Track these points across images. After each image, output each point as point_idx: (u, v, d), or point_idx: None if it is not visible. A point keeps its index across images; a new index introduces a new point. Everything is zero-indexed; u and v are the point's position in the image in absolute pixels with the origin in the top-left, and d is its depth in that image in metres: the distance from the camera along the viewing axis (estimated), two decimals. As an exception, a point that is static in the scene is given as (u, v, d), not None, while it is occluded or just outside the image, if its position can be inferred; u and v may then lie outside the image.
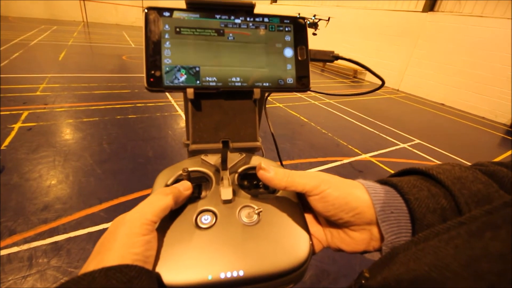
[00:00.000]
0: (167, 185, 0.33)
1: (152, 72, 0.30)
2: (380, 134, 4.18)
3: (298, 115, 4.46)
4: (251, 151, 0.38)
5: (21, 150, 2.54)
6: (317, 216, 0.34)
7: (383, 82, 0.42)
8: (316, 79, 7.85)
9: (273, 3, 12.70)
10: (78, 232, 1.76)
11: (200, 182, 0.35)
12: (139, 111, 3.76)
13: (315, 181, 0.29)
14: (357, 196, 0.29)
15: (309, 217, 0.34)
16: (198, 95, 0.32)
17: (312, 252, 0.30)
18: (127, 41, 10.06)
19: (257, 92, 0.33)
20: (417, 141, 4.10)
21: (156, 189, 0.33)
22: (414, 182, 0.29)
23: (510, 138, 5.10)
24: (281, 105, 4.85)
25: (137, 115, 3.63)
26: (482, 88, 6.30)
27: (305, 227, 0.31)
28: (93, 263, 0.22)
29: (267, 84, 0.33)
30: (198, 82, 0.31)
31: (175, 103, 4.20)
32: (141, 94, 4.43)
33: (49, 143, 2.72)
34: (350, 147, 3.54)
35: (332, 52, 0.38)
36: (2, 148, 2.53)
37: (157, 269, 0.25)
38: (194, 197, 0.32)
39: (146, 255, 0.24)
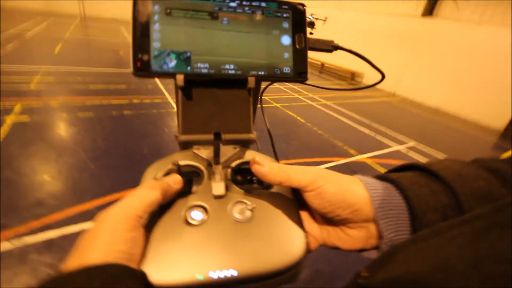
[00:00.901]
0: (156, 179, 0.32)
1: (140, 56, 0.28)
2: (376, 136, 4.20)
3: (295, 116, 4.46)
4: (245, 143, 0.36)
5: (13, 144, 2.50)
6: (313, 213, 0.33)
7: (383, 76, 0.41)
8: (313, 80, 7.87)
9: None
10: (71, 228, 1.73)
11: (191, 177, 0.33)
12: (135, 108, 3.73)
13: (311, 176, 0.28)
14: (355, 192, 0.28)
15: (304, 214, 0.33)
16: (189, 82, 0.30)
17: (308, 250, 0.29)
18: (124, 36, 9.97)
19: (251, 81, 0.31)
20: (413, 143, 4.13)
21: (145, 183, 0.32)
22: (414, 179, 0.28)
23: (502, 143, 5.18)
24: (278, 105, 4.85)
25: (133, 111, 3.60)
26: (477, 93, 6.37)
27: (300, 225, 0.30)
28: (74, 262, 0.21)
29: (263, 72, 0.32)
30: (189, 68, 0.29)
31: (172, 100, 4.17)
32: (138, 90, 4.39)
33: (42, 138, 2.68)
34: (345, 148, 3.55)
35: (332, 41, 0.36)
36: (-7, 141, 2.48)
37: (143, 268, 0.24)
38: (184, 192, 0.31)
39: (131, 252, 0.23)
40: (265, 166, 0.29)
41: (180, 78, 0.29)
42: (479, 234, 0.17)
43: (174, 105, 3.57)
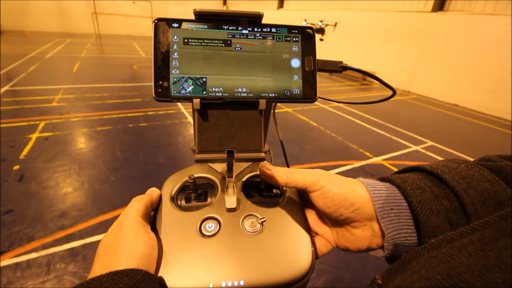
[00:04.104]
0: (172, 196, 0.34)
1: (160, 82, 0.31)
2: (392, 136, 4.10)
3: (307, 119, 4.44)
4: (256, 161, 0.38)
5: (38, 159, 2.63)
6: (323, 217, 0.35)
7: (394, 92, 0.41)
8: (324, 82, 7.82)
9: (280, 9, 12.80)
10: (93, 238, 1.80)
11: (206, 189, 0.36)
12: (150, 119, 3.84)
13: (314, 177, 0.30)
14: (356, 192, 0.29)
15: (315, 219, 0.35)
16: (205, 105, 0.33)
17: (316, 257, 0.30)
18: (137, 51, 10.33)
19: (262, 103, 0.33)
20: (431, 143, 4.01)
21: (164, 195, 0.35)
22: (418, 182, 0.29)
23: (529, 137, 4.92)
24: (289, 110, 4.85)
25: (149, 123, 3.70)
26: (497, 87, 6.12)
27: (309, 238, 0.31)
28: (99, 267, 0.23)
29: (273, 94, 0.34)
30: (204, 92, 0.32)
31: (185, 110, 4.27)
32: (152, 103, 4.52)
33: (65, 152, 2.81)
34: (360, 150, 3.50)
35: (341, 62, 0.38)
36: (20, 157, 2.63)
37: (161, 273, 0.26)
38: (200, 205, 0.33)
39: (149, 255, 0.25)
40: (271, 169, 0.31)
41: (196, 102, 0.31)
42: (487, 242, 0.17)
43: (187, 115, 3.63)
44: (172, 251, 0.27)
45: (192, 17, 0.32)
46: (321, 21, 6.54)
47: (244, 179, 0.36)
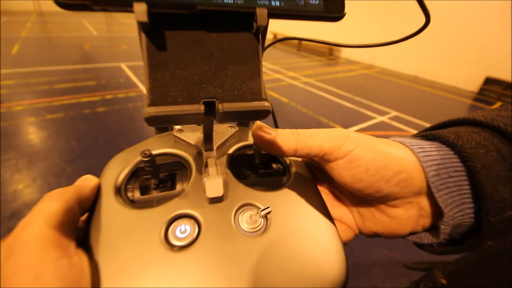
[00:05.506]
0: (117, 187, 0.22)
1: None
2: (359, 109, 4.21)
3: (278, 96, 4.38)
4: (255, 118, 0.22)
5: (-23, 155, 2.29)
6: (339, 195, 0.25)
7: (428, 19, 0.31)
8: (291, 59, 7.74)
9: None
10: (52, 237, 1.63)
11: (173, 170, 0.24)
12: (108, 104, 3.51)
13: (336, 139, 0.20)
14: (399, 157, 0.20)
15: (329, 199, 0.25)
16: (157, 18, 0.17)
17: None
18: (87, 29, 9.32)
19: (261, 15, 0.18)
20: (394, 113, 4.19)
21: (105, 185, 0.22)
22: (478, 139, 0.20)
23: (478, 104, 5.37)
24: (259, 87, 4.74)
25: (107, 108, 3.39)
26: (452, 58, 6.50)
27: (335, 229, 0.21)
28: None
29: (278, 3, 0.18)
30: None
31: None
32: (109, 86, 4.14)
33: (9, 145, 2.47)
34: (331, 124, 3.55)
35: None
36: (-47, 155, 2.26)
37: None
38: (164, 196, 0.21)
39: None
40: (272, 132, 0.21)
41: (140, 9, 0.15)
42: None
43: (151, 97, 3.40)
44: (119, 280, 0.16)
45: None
46: None
47: (230, 151, 0.25)
